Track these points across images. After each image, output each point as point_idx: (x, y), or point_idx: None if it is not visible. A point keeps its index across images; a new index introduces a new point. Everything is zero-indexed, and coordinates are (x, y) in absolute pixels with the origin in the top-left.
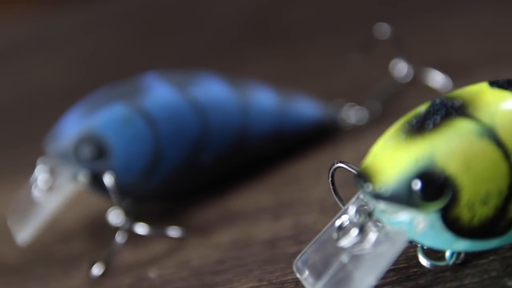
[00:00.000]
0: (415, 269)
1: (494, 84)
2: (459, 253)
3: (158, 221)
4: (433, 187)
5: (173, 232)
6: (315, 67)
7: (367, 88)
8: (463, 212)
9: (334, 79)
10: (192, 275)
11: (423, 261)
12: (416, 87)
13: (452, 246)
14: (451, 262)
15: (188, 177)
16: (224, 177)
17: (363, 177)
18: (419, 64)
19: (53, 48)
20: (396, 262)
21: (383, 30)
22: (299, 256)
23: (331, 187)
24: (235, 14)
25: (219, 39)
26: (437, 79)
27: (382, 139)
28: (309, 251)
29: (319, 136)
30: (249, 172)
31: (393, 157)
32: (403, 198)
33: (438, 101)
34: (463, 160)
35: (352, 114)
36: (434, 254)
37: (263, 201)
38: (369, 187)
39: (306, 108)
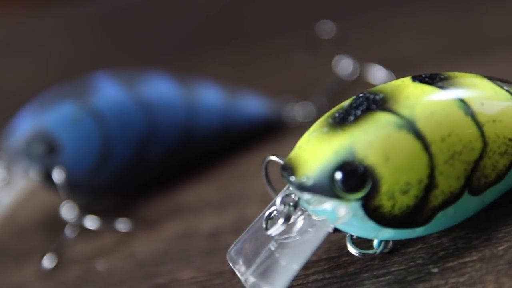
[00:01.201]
0: (346, 258)
1: (416, 78)
2: (387, 242)
3: (108, 215)
4: (353, 178)
5: (122, 225)
6: (269, 65)
7: (317, 84)
8: (384, 201)
9: (287, 76)
10: (136, 267)
11: (352, 250)
12: (363, 83)
13: (378, 234)
14: (378, 250)
15: (137, 172)
16: (172, 172)
17: (287, 169)
18: (367, 60)
19: (21, 50)
20: (329, 251)
21: (328, 27)
22: (232, 245)
23: (265, 179)
24: (195, 16)
25: (180, 39)
26: (380, 75)
27: (307, 133)
28: (242, 241)
29: (266, 132)
30: (197, 167)
31: (315, 150)
32: (325, 188)
33: (361, 95)
34: (381, 151)
35: (300, 111)
36: (365, 243)
37: (208, 195)
38: (293, 179)
39: (253, 105)
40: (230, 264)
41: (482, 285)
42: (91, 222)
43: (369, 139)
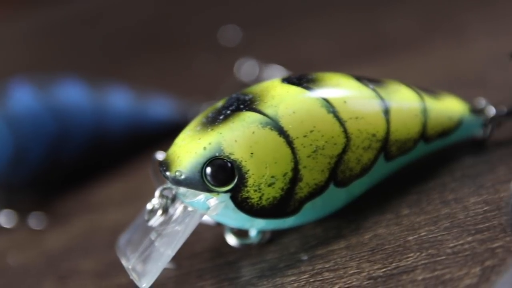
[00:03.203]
0: (228, 249)
1: (285, 79)
2: (265, 233)
3: (24, 211)
4: (220, 172)
5: (35, 221)
6: (191, 70)
7: (224, 86)
8: (251, 193)
9: (204, 79)
10: (44, 260)
11: (230, 240)
12: None
13: (253, 225)
14: (256, 240)
15: (51, 171)
16: (85, 171)
17: (163, 165)
18: (275, 63)
19: None
20: (214, 243)
21: (234, 33)
22: (120, 236)
23: (151, 174)
24: (128, 26)
25: (114, 46)
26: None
27: (183, 131)
28: (128, 232)
29: (175, 133)
30: (108, 167)
31: (188, 147)
32: (196, 182)
33: (233, 96)
34: (247, 147)
35: None
36: (245, 234)
37: (115, 194)
38: (168, 173)
39: (162, 108)
40: (117, 254)
41: (344, 270)
42: (6, 218)
43: (235, 136)
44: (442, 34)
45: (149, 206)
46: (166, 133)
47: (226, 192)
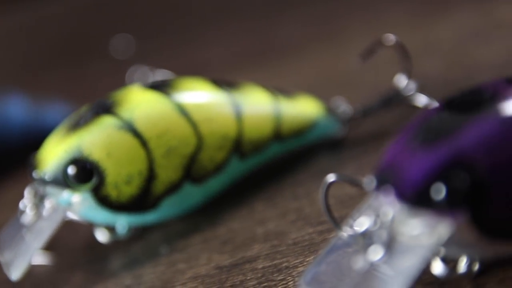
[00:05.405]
0: (99, 244)
1: (145, 85)
2: (133, 230)
3: None
4: (81, 171)
5: None
6: (90, 79)
7: None
8: (110, 191)
9: (104, 88)
10: None
11: (100, 236)
12: None
13: (115, 220)
14: (124, 236)
15: None
16: None
17: (31, 166)
18: (173, 70)
19: None
20: (85, 238)
21: (127, 42)
22: None
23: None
24: (36, 40)
25: (21, 58)
26: None
27: (51, 135)
28: (6, 229)
29: None
30: (4, 171)
31: (52, 149)
32: (60, 181)
33: (96, 102)
34: (104, 148)
35: None
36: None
37: (9, 196)
38: (35, 174)
39: (59, 115)
40: None
41: (196, 262)
42: None
43: (93, 138)
44: (325, 39)
45: (20, 204)
46: None
47: (87, 190)
